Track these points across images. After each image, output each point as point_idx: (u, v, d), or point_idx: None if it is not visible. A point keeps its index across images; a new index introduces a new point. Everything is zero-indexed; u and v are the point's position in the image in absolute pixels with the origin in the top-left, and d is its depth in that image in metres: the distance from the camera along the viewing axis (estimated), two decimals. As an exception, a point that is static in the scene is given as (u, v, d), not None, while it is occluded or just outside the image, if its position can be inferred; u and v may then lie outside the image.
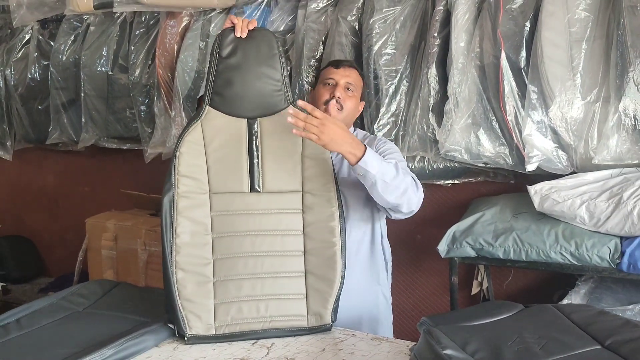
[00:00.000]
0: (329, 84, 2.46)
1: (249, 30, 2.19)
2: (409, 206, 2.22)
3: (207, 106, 2.14)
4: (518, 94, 2.68)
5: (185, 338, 2.03)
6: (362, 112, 3.01)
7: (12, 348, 1.94)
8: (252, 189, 2.12)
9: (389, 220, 2.46)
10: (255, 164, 2.12)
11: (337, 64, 2.52)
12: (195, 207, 2.09)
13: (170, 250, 2.04)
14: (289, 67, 3.27)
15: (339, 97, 2.41)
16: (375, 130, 2.95)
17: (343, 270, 2.11)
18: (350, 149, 2.08)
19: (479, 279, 3.17)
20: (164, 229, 2.05)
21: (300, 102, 2.13)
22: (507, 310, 1.88)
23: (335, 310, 2.10)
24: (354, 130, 2.54)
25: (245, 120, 2.14)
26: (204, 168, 2.11)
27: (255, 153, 2.12)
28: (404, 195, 2.17)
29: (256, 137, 2.13)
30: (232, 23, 2.20)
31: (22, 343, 1.97)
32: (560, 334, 1.69)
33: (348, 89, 2.45)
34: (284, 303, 2.09)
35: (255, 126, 2.13)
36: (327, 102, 2.41)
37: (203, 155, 2.11)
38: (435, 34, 2.88)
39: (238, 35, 2.17)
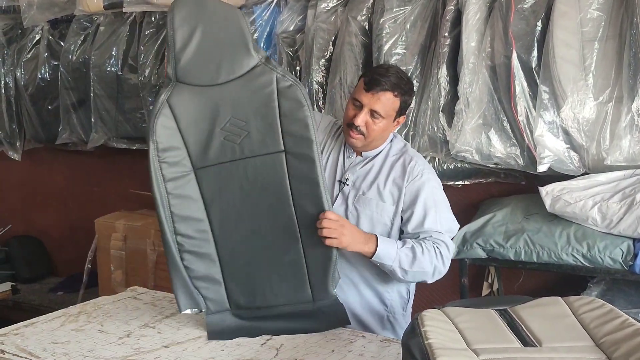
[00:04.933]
0: (355, 105, 2.20)
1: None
2: (436, 277, 2.22)
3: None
4: (529, 94, 2.67)
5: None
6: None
7: None
8: None
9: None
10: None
11: (369, 85, 2.17)
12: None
13: None
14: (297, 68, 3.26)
15: (359, 125, 2.18)
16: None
17: None
18: (363, 247, 2.10)
19: (490, 280, 3.15)
20: None
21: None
22: (514, 301, 1.85)
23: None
24: (391, 140, 2.32)
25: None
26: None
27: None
28: (427, 274, 2.17)
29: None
30: None
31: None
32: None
33: (373, 115, 2.18)
34: None
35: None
36: (349, 126, 2.21)
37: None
38: (446, 34, 2.86)
39: None
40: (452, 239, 2.26)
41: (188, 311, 2.11)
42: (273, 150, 2.06)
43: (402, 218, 2.24)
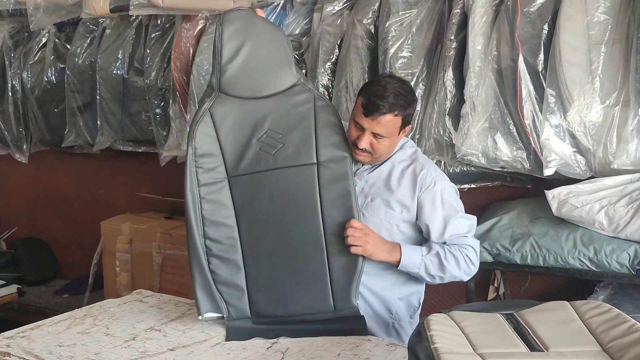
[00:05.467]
0: (357, 126, 2.16)
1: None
2: (464, 277, 2.25)
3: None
4: (536, 98, 2.66)
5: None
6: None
7: None
8: None
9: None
10: None
11: (367, 110, 2.11)
12: None
13: None
14: (304, 70, 3.26)
15: (364, 148, 2.16)
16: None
17: None
18: (387, 257, 2.14)
19: (496, 284, 3.14)
20: None
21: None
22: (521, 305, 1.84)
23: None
24: (402, 145, 2.31)
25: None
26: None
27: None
28: (454, 277, 2.22)
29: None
30: None
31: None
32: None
33: (376, 137, 2.15)
34: None
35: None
36: (354, 145, 2.18)
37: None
38: (452, 37, 2.85)
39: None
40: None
41: (208, 315, 2.13)
42: (306, 162, 2.15)
43: (421, 229, 2.25)
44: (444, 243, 2.21)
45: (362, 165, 2.28)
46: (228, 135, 2.16)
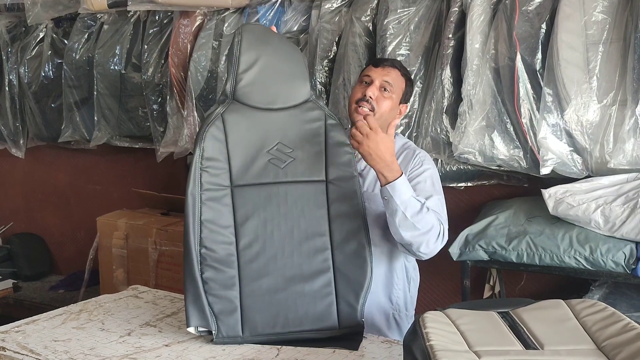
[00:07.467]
0: (365, 82, 2.30)
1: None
2: (426, 249, 2.13)
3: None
4: (533, 97, 2.66)
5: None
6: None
7: None
8: None
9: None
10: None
11: (377, 62, 2.35)
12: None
13: None
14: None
15: (370, 97, 2.25)
16: (389, 132, 2.93)
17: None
18: (382, 169, 2.06)
19: (491, 282, 3.14)
20: None
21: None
22: (516, 303, 1.84)
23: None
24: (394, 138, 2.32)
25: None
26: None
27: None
28: (422, 236, 2.10)
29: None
30: None
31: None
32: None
33: (385, 89, 2.28)
34: None
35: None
36: (359, 101, 2.27)
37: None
38: (450, 35, 2.86)
39: None
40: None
41: (192, 330, 2.03)
42: (316, 178, 2.13)
43: None
44: None
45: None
46: (237, 143, 2.12)
